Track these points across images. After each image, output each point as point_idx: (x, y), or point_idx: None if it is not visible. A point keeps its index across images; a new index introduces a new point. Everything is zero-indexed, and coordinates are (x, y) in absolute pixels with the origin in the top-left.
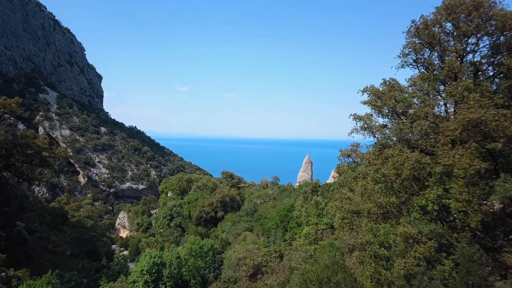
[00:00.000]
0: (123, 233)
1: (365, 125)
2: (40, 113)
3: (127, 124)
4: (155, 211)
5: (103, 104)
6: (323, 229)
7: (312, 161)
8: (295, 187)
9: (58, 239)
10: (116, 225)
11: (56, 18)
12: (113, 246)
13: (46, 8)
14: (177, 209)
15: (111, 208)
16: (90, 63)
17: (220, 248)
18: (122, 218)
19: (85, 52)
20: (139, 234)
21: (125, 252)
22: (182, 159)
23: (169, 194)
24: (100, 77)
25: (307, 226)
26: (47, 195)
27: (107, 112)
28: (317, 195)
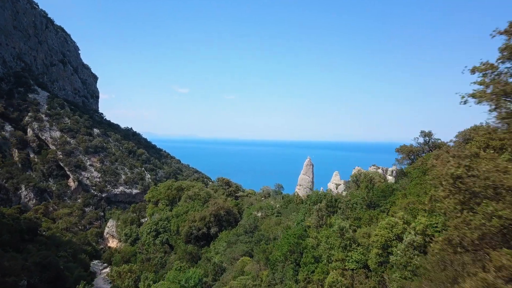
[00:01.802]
0: (112, 243)
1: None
2: (29, 114)
3: (127, 126)
4: (145, 219)
5: (99, 105)
6: (352, 270)
7: (313, 163)
8: (302, 197)
9: (13, 264)
10: (105, 234)
11: (49, 16)
12: (95, 262)
13: (38, 6)
14: (163, 223)
15: (102, 214)
16: (85, 63)
17: (211, 280)
18: (111, 226)
19: (79, 52)
20: (127, 247)
21: (107, 270)
22: (180, 161)
23: (160, 205)
24: (95, 78)
25: (328, 262)
26: (34, 200)
27: (102, 113)
28: (336, 213)
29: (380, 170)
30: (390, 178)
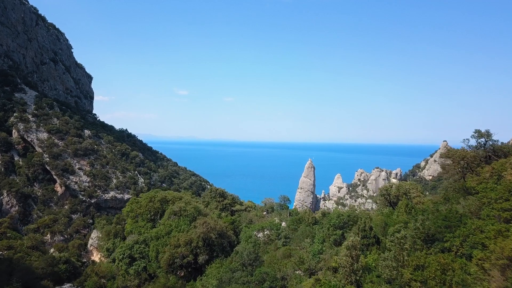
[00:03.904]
0: (96, 257)
1: None
2: (14, 114)
3: (122, 128)
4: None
5: (93, 106)
6: None
7: (314, 165)
8: (316, 215)
9: None
10: (89, 246)
11: (39, 12)
12: (66, 286)
13: (27, 1)
14: (140, 247)
15: (91, 221)
16: (79, 62)
17: None
18: (95, 238)
19: (72, 50)
20: (108, 265)
21: None
22: (177, 164)
23: (139, 221)
24: (90, 77)
25: None
26: (16, 207)
27: (95, 114)
28: (373, 248)
29: (383, 173)
30: (395, 181)
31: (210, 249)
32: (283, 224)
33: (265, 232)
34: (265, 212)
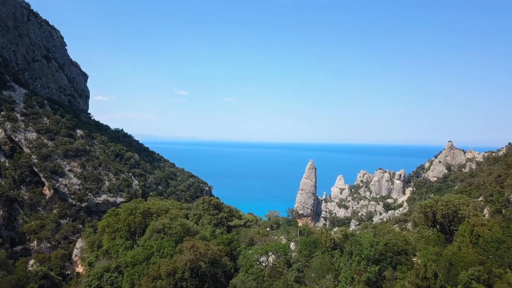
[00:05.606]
0: (81, 268)
1: None
2: (1, 113)
3: (117, 128)
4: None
5: (91, 106)
6: None
7: (316, 166)
8: (335, 236)
9: None
10: (73, 256)
11: (31, 8)
12: None
13: None
14: (111, 277)
15: (81, 226)
16: (78, 61)
17: None
18: (80, 248)
19: (66, 47)
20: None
21: None
22: (174, 165)
23: (117, 239)
24: (85, 76)
25: None
26: (1, 212)
27: (89, 113)
28: None
29: (386, 174)
30: (398, 183)
31: (199, 280)
32: (292, 245)
33: (270, 259)
34: (268, 228)
